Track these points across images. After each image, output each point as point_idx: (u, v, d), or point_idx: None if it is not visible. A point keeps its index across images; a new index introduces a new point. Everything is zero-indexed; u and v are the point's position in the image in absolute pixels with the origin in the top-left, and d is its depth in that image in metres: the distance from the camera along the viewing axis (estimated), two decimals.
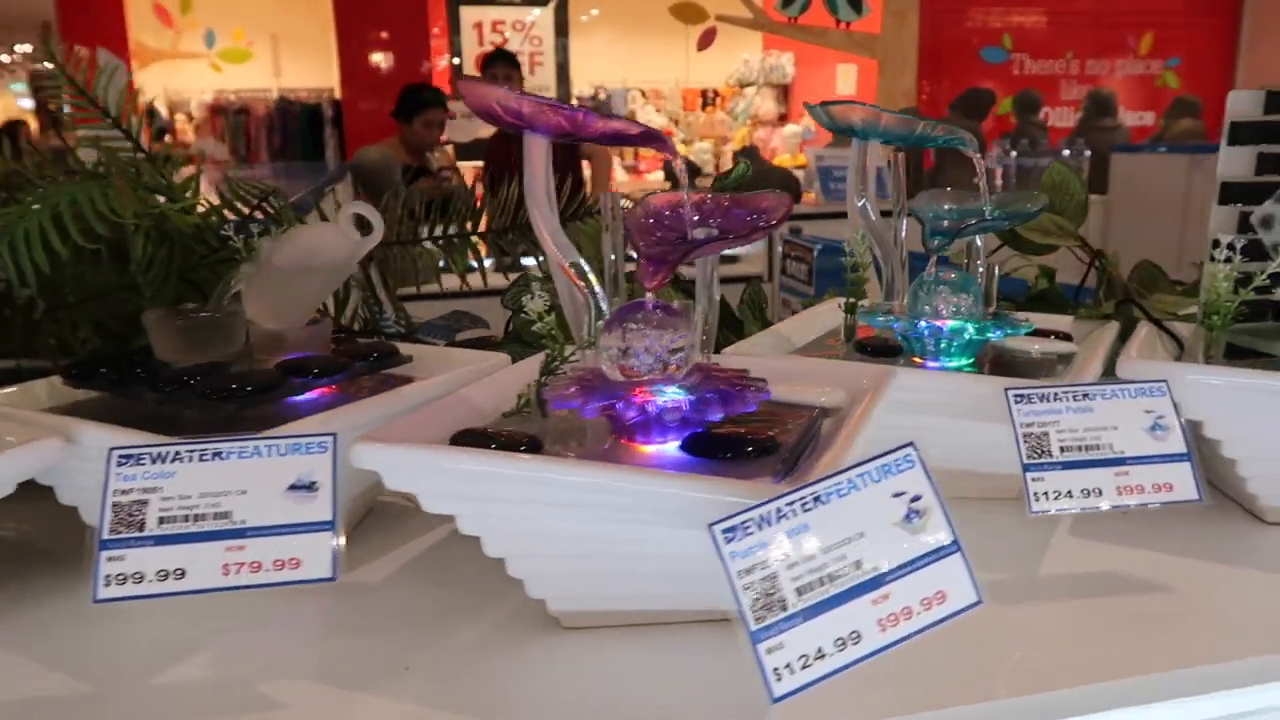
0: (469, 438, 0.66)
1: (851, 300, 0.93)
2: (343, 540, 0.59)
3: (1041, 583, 0.74)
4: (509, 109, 0.62)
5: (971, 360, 0.88)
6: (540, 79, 9.36)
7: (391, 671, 0.62)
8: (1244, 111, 0.82)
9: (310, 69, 8.41)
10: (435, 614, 0.69)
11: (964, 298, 0.86)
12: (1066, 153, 4.74)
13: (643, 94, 10.12)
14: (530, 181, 0.68)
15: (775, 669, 0.48)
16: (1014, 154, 4.71)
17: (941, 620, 0.52)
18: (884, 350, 0.90)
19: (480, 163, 5.00)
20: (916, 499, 0.54)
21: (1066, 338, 0.95)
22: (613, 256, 0.71)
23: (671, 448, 0.65)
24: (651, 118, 10.06)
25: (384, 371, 0.81)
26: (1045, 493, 0.70)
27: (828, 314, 1.01)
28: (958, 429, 0.80)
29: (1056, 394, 0.73)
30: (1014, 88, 7.58)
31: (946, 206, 0.92)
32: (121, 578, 0.56)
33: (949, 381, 0.80)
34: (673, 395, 0.64)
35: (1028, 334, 0.95)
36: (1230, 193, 0.83)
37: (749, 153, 5.14)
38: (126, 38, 8.73)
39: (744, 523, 0.50)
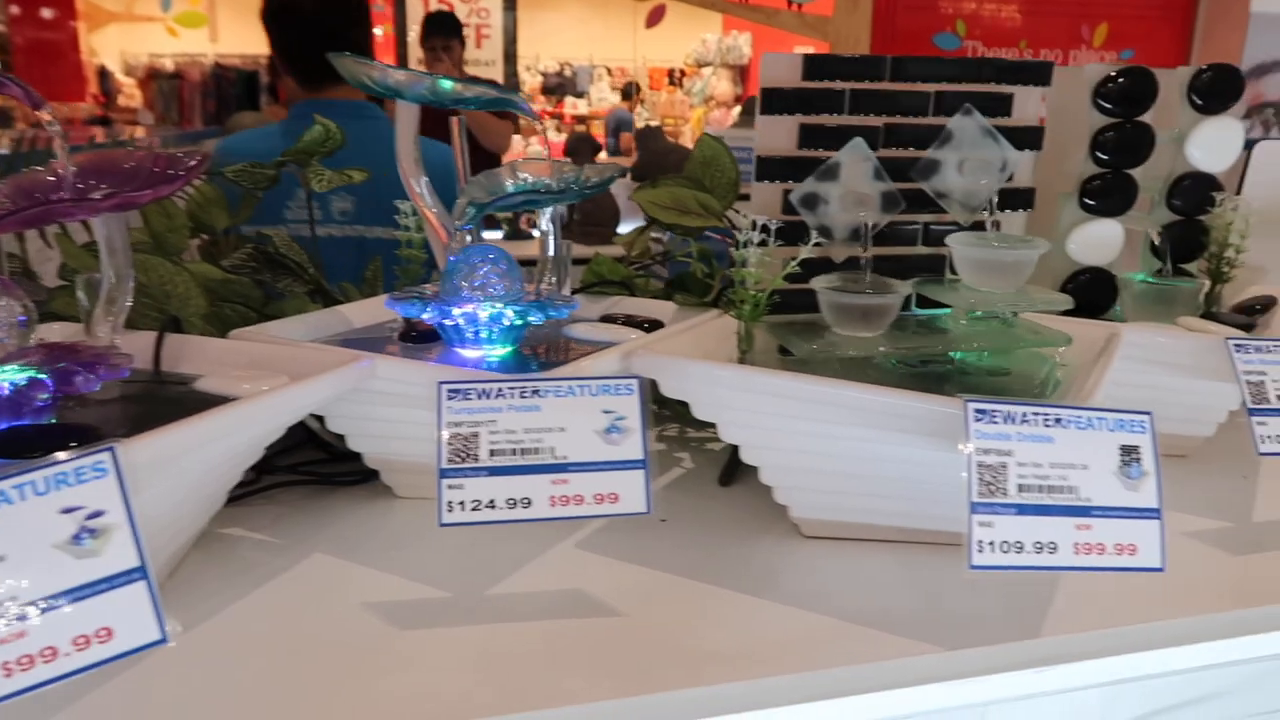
0: None
1: (404, 283, 0.84)
2: None
3: (489, 602, 0.65)
4: None
5: (512, 347, 0.79)
6: (487, 52, 9.20)
7: None
8: (779, 77, 0.73)
9: (250, 35, 8.22)
10: None
11: (498, 280, 0.77)
12: None
13: (608, 71, 9.98)
14: None
15: None
16: None
17: (103, 661, 0.44)
18: (428, 336, 0.81)
19: None
20: (97, 515, 0.45)
21: (658, 325, 0.87)
22: None
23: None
24: (606, 95, 9.93)
25: None
26: (462, 503, 0.61)
27: None
28: None
29: (500, 390, 0.64)
30: None
31: (508, 181, 0.83)
32: None
33: (401, 370, 0.71)
34: None
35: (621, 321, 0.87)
36: (768, 168, 0.74)
37: (651, 132, 5.00)
38: None
39: None
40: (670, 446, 0.93)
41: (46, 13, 8.13)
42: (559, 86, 9.88)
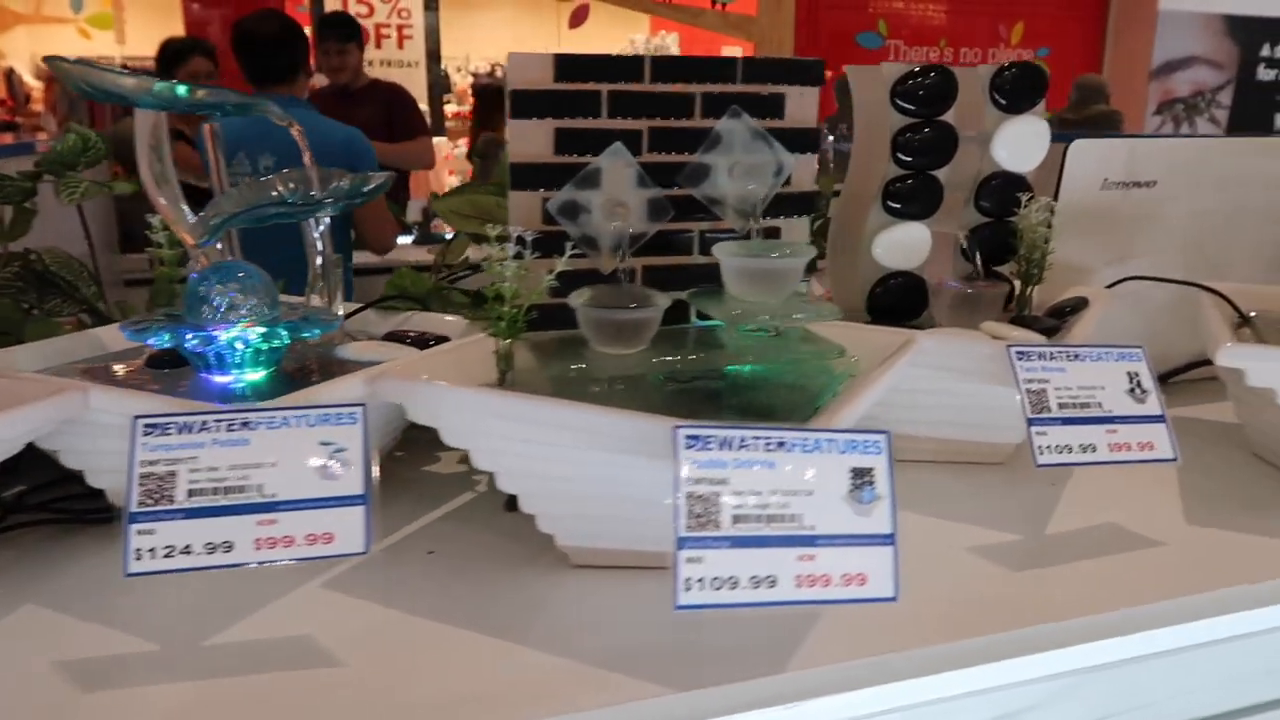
0: None
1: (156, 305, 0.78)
2: None
3: (201, 655, 0.59)
4: None
5: (268, 370, 0.73)
6: (410, 53, 9.06)
7: None
8: (529, 79, 0.69)
9: (158, 36, 7.97)
10: None
11: (245, 298, 0.72)
12: None
13: None
14: None
15: None
16: (831, 138, 4.58)
17: None
18: (181, 362, 0.75)
19: None
20: None
21: (444, 341, 0.82)
22: None
23: None
24: None
25: None
26: (153, 549, 0.56)
27: None
28: None
29: (204, 423, 0.58)
30: None
31: (276, 190, 0.78)
32: None
33: (107, 401, 0.65)
34: None
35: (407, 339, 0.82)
36: (524, 176, 0.69)
37: (490, 141, 4.51)
38: None
39: None
40: (469, 469, 0.88)
41: None
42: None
